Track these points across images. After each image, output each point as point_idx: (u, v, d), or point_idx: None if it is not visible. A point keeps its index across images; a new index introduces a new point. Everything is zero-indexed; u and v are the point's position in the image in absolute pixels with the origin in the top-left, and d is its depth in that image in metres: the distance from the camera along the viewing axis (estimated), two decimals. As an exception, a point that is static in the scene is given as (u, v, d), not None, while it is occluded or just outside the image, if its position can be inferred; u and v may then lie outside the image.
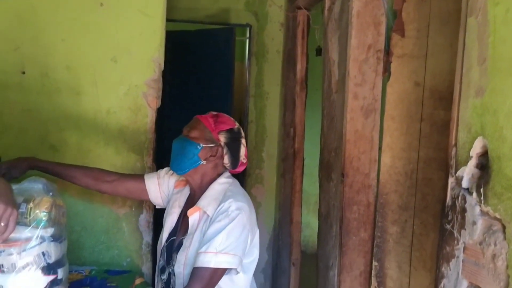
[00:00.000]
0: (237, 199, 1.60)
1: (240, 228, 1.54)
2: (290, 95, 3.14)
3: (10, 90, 1.93)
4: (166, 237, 1.70)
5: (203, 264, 1.49)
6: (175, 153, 1.67)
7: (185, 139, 1.65)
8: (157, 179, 1.82)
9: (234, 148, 1.69)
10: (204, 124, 1.66)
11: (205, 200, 1.63)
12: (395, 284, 1.92)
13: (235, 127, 1.70)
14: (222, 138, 1.66)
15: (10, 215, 1.19)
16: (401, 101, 1.89)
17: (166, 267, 1.67)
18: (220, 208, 1.57)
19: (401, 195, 1.91)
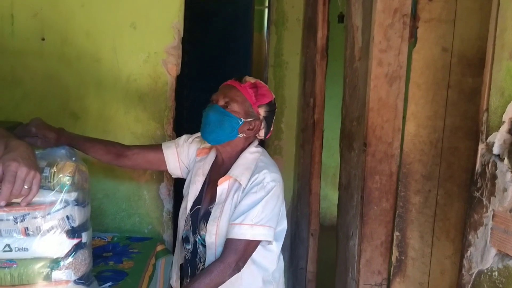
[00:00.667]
0: (270, 170, 1.57)
1: (275, 200, 1.53)
2: (310, 64, 3.08)
3: (30, 57, 1.92)
4: (191, 206, 1.66)
5: (238, 236, 1.48)
6: (212, 125, 1.57)
7: (224, 112, 1.56)
8: (175, 149, 1.77)
9: (270, 120, 1.66)
10: (244, 97, 1.58)
11: (237, 169, 1.59)
12: (417, 254, 1.90)
13: (273, 99, 1.65)
14: (262, 112, 1.61)
15: (33, 178, 1.19)
16: (428, 68, 1.83)
17: (191, 236, 1.64)
18: (254, 179, 1.54)
19: (425, 164, 1.87)
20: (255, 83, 1.61)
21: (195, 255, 1.63)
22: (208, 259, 1.57)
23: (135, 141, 2.00)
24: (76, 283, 1.32)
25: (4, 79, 1.95)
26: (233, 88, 1.58)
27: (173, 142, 1.79)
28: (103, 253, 1.81)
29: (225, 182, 1.58)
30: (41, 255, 1.28)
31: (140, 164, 1.78)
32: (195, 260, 1.63)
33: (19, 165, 1.17)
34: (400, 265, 1.92)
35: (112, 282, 1.56)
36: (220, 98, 1.58)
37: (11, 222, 1.25)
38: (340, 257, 2.23)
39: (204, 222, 1.60)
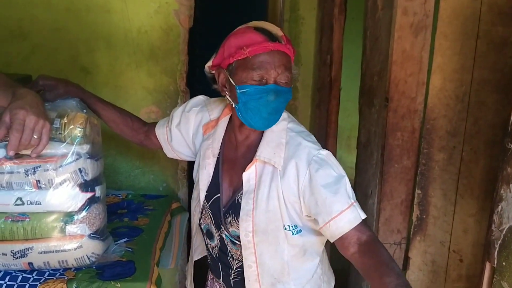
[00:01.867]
0: (306, 138, 1.29)
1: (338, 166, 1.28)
2: (328, 19, 2.95)
3: (38, 8, 1.84)
4: (204, 195, 1.39)
5: (351, 223, 1.20)
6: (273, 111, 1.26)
7: (286, 90, 1.24)
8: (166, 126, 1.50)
9: None
10: (291, 59, 1.27)
11: (267, 149, 1.28)
12: (439, 212, 1.85)
13: None
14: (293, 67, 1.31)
15: (43, 127, 1.14)
16: (456, 17, 1.72)
17: (215, 231, 1.39)
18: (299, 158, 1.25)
19: (450, 120, 1.79)
20: (285, 34, 1.27)
21: (225, 252, 1.39)
22: (247, 259, 1.32)
23: (147, 96, 1.94)
24: (90, 238, 1.29)
25: (11, 32, 1.87)
26: (281, 53, 1.23)
27: (166, 120, 1.52)
28: (118, 210, 1.78)
29: (252, 166, 1.30)
30: (54, 208, 1.25)
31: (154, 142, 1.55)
32: (227, 259, 1.39)
33: (27, 113, 1.11)
34: (421, 224, 1.87)
35: (127, 238, 1.53)
36: (274, 72, 1.22)
37: (22, 174, 1.21)
38: (358, 216, 2.19)
39: (233, 216, 1.32)
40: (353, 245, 1.20)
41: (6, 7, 1.85)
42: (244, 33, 1.24)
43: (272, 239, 1.29)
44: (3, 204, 1.22)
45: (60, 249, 1.26)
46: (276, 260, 1.30)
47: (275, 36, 1.22)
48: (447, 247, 1.86)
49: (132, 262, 1.39)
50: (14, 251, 1.24)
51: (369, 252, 1.20)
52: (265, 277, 1.31)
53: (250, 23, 1.28)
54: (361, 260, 1.20)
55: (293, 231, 1.28)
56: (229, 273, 1.40)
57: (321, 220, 1.22)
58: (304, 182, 1.23)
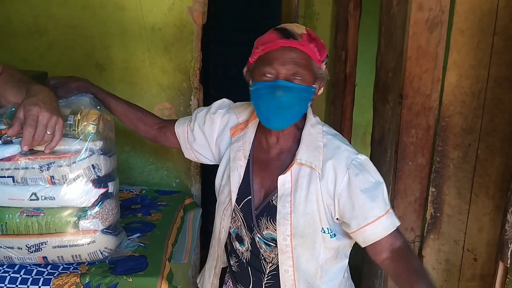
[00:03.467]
0: (343, 142, 1.30)
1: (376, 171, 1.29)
2: (343, 15, 2.93)
3: (54, 5, 1.87)
4: (235, 197, 1.35)
5: (387, 230, 1.23)
6: (288, 110, 1.24)
7: (297, 87, 1.21)
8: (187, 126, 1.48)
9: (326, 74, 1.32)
10: (309, 57, 1.23)
11: (306, 152, 1.27)
12: (453, 210, 1.83)
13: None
14: (324, 67, 1.28)
15: (56, 123, 1.16)
16: (472, 12, 1.69)
17: (246, 234, 1.37)
18: (337, 162, 1.24)
19: (466, 117, 1.76)
20: (310, 34, 1.25)
21: (257, 256, 1.36)
22: (283, 264, 1.30)
23: (161, 93, 1.95)
24: (103, 233, 1.31)
25: (28, 29, 1.90)
26: (292, 50, 1.21)
27: (187, 119, 1.51)
28: (131, 205, 1.80)
29: (289, 169, 1.29)
30: (68, 204, 1.27)
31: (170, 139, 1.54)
32: (259, 262, 1.37)
33: (41, 109, 1.13)
34: (435, 222, 1.85)
35: (140, 233, 1.55)
36: (282, 68, 1.21)
37: (36, 170, 1.23)
38: (371, 214, 2.17)
39: (268, 219, 1.30)
40: (385, 251, 1.24)
41: (23, 4, 1.88)
42: (266, 33, 1.28)
43: (309, 242, 1.29)
44: (19, 199, 1.24)
45: (73, 243, 1.28)
46: (312, 264, 1.31)
47: (291, 34, 1.22)
48: (461, 246, 1.84)
49: (144, 257, 1.41)
50: (29, 245, 1.27)
51: (402, 259, 1.23)
52: (301, 281, 1.32)
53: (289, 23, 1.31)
54: (393, 266, 1.24)
55: (330, 234, 1.29)
56: (261, 278, 1.38)
57: (355, 224, 1.24)
58: (342, 185, 1.24)
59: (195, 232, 1.93)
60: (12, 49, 1.92)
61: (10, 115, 1.22)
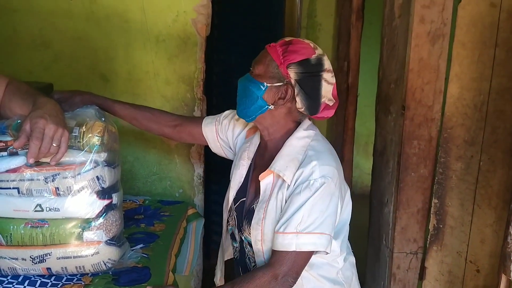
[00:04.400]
0: (322, 161, 1.28)
1: (326, 200, 1.27)
2: (345, 26, 2.95)
3: (59, 17, 1.89)
4: (234, 196, 1.44)
5: (283, 247, 1.25)
6: (240, 96, 1.37)
7: (248, 77, 1.34)
8: (215, 126, 1.56)
9: (310, 86, 1.30)
10: (271, 56, 1.30)
11: (281, 161, 1.32)
12: (456, 222, 1.83)
13: (312, 57, 1.30)
14: (292, 74, 1.29)
15: (62, 135, 1.17)
16: (474, 25, 1.71)
17: (237, 233, 1.44)
18: (300, 174, 1.28)
19: (468, 129, 1.77)
20: (290, 40, 1.32)
21: (243, 255, 1.45)
22: (259, 265, 1.37)
23: (165, 104, 1.97)
24: (107, 244, 1.32)
25: (33, 41, 1.93)
26: (264, 50, 1.34)
27: (214, 118, 1.58)
28: (135, 215, 1.81)
29: (268, 176, 1.33)
30: (72, 215, 1.27)
31: (183, 137, 1.62)
32: (245, 261, 1.45)
33: (47, 122, 1.14)
34: (437, 233, 1.85)
35: (143, 244, 1.55)
36: (252, 65, 1.36)
37: (41, 181, 1.24)
38: (374, 225, 2.17)
39: (247, 222, 1.37)
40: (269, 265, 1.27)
41: (29, 16, 1.91)
42: None
43: None
44: (24, 210, 1.25)
45: (77, 255, 1.29)
46: None
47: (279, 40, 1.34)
48: (464, 257, 1.84)
49: (147, 268, 1.42)
50: (33, 256, 1.27)
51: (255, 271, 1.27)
52: None
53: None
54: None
55: None
56: None
57: (277, 227, 1.28)
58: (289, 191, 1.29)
59: (198, 243, 1.94)
60: (18, 60, 1.94)
61: (16, 127, 1.23)
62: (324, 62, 1.32)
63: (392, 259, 1.92)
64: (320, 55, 1.32)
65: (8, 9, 1.91)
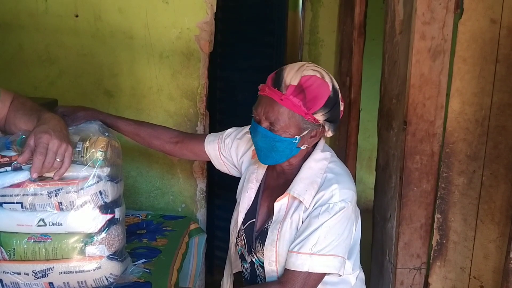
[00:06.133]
0: (342, 184, 1.29)
1: (344, 223, 1.27)
2: (347, 42, 2.98)
3: (65, 34, 1.93)
4: (243, 218, 1.43)
5: (296, 267, 1.26)
6: (265, 151, 1.31)
7: (272, 136, 1.26)
8: (217, 144, 1.55)
9: (335, 115, 1.31)
10: (291, 111, 1.24)
11: (300, 184, 1.31)
12: (459, 237, 1.82)
13: (330, 93, 1.26)
14: (320, 117, 1.27)
15: (65, 150, 1.18)
16: (475, 41, 1.72)
17: (247, 255, 1.44)
18: (320, 197, 1.28)
19: (470, 144, 1.77)
20: (300, 85, 1.23)
21: (254, 276, 1.44)
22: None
23: (168, 119, 1.99)
24: (109, 259, 1.32)
25: (39, 57, 1.96)
26: (273, 102, 1.24)
27: (217, 137, 1.57)
28: (137, 230, 1.81)
29: (284, 197, 1.34)
30: (74, 230, 1.28)
31: (185, 154, 1.62)
32: (257, 282, 1.44)
33: (51, 137, 1.16)
34: (441, 249, 1.84)
35: (145, 259, 1.55)
36: (262, 117, 1.27)
37: (45, 196, 1.25)
38: (377, 240, 2.17)
39: (260, 243, 1.37)
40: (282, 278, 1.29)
41: (35, 33, 1.95)
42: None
43: None
44: (27, 225, 1.26)
45: (79, 269, 1.29)
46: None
47: (279, 83, 1.25)
48: (467, 273, 1.83)
49: (149, 283, 1.42)
50: (36, 271, 1.28)
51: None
52: None
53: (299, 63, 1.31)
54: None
55: None
56: None
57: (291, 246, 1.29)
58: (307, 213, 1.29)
59: (200, 258, 1.93)
60: (24, 76, 1.97)
61: (21, 142, 1.24)
62: (337, 87, 1.30)
63: (395, 275, 1.90)
64: (333, 84, 1.29)
65: (15, 26, 1.94)
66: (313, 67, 1.28)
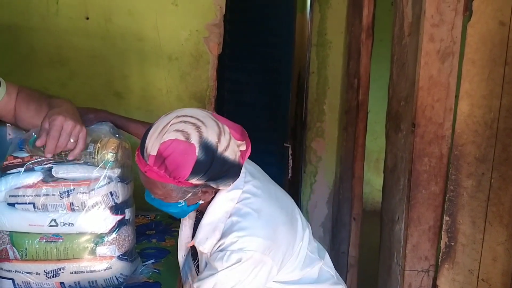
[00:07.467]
0: (247, 230, 1.16)
1: (247, 271, 1.16)
2: (355, 43, 2.98)
3: (76, 36, 1.95)
4: (184, 257, 1.38)
5: None
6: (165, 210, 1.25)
7: (159, 202, 1.20)
8: None
9: (218, 173, 1.13)
10: (159, 182, 1.12)
11: (202, 231, 1.22)
12: (467, 239, 1.82)
13: (196, 156, 1.08)
14: (197, 181, 1.12)
15: (79, 132, 1.20)
16: (483, 43, 1.72)
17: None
18: (220, 244, 1.18)
19: (478, 146, 1.77)
20: (160, 154, 1.08)
21: None
22: None
23: (177, 121, 2.00)
24: (119, 259, 1.34)
25: (51, 59, 1.98)
26: (144, 177, 1.15)
27: None
28: (146, 230, 1.83)
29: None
30: (85, 230, 1.30)
31: None
32: None
33: (65, 119, 1.18)
34: (449, 251, 1.84)
35: (155, 259, 1.56)
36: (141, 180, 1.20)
37: (57, 197, 1.27)
38: (384, 242, 2.17)
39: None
40: None
41: (47, 35, 1.96)
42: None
43: None
44: (39, 225, 1.28)
45: (90, 269, 1.31)
46: None
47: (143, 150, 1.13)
48: (476, 276, 1.82)
49: (158, 283, 1.43)
50: (47, 270, 1.29)
51: None
52: None
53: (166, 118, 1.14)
54: None
55: None
56: None
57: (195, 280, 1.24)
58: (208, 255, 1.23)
59: (209, 259, 1.94)
60: (35, 78, 1.99)
61: (33, 142, 1.26)
62: (210, 142, 1.10)
63: (403, 277, 1.90)
64: (204, 141, 1.09)
65: (26, 28, 1.96)
66: (178, 125, 1.10)
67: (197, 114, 1.14)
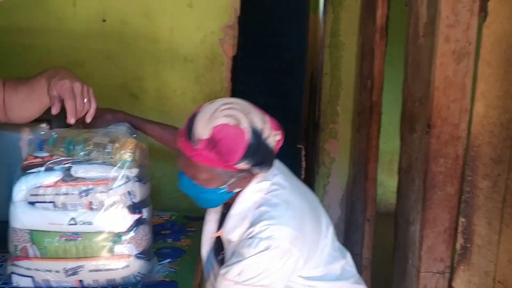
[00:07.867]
0: (276, 220, 1.18)
1: (274, 259, 1.17)
2: (369, 44, 2.97)
3: (92, 38, 1.97)
4: (207, 253, 1.41)
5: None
6: (195, 199, 1.31)
7: (198, 188, 1.23)
8: None
9: (262, 158, 1.18)
10: (207, 166, 1.16)
11: (230, 222, 1.25)
12: (483, 241, 1.80)
13: (248, 140, 1.14)
14: (244, 165, 1.17)
15: (88, 90, 1.21)
16: (499, 44, 1.71)
17: None
18: (249, 233, 1.19)
19: (494, 147, 1.76)
20: (212, 138, 1.12)
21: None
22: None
23: (192, 121, 2.02)
24: (137, 258, 1.35)
25: (68, 61, 2.01)
26: (187, 156, 1.17)
27: None
28: (162, 230, 1.84)
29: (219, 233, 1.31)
30: (104, 229, 1.32)
31: None
32: None
33: (72, 81, 1.18)
34: (465, 253, 1.83)
35: (170, 258, 1.58)
36: (181, 166, 1.23)
37: (76, 196, 1.29)
38: (399, 243, 2.16)
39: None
40: None
41: (65, 37, 1.99)
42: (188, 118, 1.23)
43: None
44: (58, 223, 1.30)
45: (108, 268, 1.32)
46: None
47: (190, 135, 1.15)
48: (491, 277, 1.81)
49: (175, 282, 1.44)
50: (67, 268, 1.31)
51: None
52: None
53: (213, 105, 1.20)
54: None
55: None
56: None
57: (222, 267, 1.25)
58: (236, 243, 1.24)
59: (223, 259, 1.95)
60: (52, 79, 2.02)
61: (53, 142, 1.28)
62: (257, 127, 1.15)
63: (418, 279, 1.89)
64: (252, 126, 1.15)
65: (43, 30, 2.00)
66: (227, 111, 1.15)
67: (242, 102, 1.22)
